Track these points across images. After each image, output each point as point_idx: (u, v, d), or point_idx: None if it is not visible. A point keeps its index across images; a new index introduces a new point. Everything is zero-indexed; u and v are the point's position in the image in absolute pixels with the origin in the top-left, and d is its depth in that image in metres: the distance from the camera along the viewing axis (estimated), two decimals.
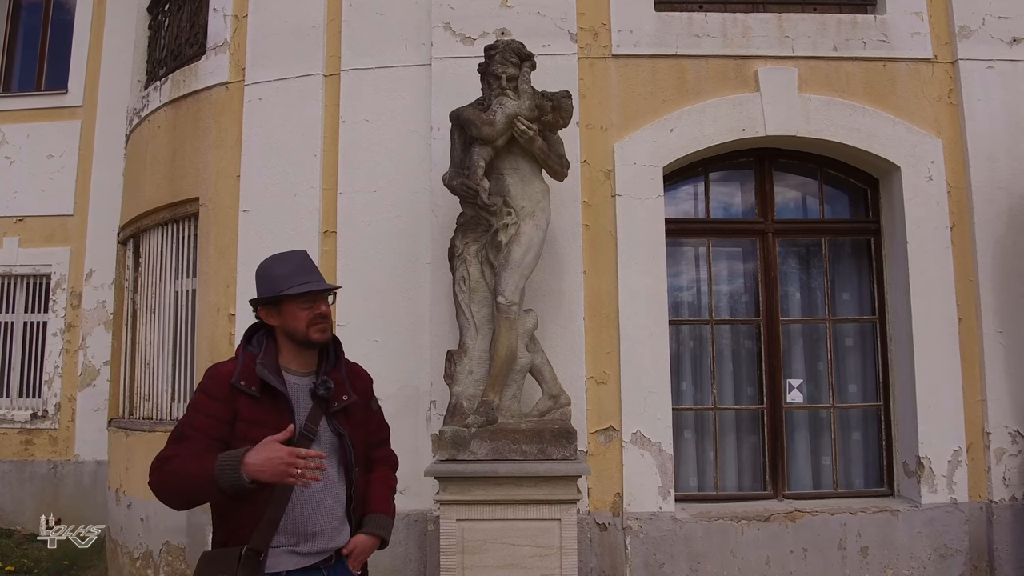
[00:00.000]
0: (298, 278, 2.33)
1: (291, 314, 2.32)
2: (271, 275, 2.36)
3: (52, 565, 6.65)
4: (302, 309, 2.32)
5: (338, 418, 2.39)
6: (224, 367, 2.30)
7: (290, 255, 2.43)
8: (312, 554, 2.29)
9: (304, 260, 2.42)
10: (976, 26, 4.94)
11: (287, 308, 2.33)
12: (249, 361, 2.28)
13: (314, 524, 2.28)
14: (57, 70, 8.49)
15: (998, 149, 4.85)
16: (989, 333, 4.72)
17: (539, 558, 3.68)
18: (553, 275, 4.58)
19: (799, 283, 5.23)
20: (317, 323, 2.33)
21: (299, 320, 2.32)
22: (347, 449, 2.37)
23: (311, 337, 2.33)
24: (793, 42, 4.92)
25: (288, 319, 2.33)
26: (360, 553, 2.41)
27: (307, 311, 2.32)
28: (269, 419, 2.22)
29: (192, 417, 2.22)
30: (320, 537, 2.30)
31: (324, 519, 2.31)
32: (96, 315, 7.75)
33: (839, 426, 5.05)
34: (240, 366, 2.26)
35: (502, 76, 3.97)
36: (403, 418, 4.65)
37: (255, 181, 5.05)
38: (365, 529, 2.42)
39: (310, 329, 2.32)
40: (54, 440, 7.81)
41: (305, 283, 2.32)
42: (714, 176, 5.20)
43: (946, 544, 4.61)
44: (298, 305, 2.32)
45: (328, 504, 2.32)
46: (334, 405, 2.37)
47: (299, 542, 2.26)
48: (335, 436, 2.36)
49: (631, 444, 4.57)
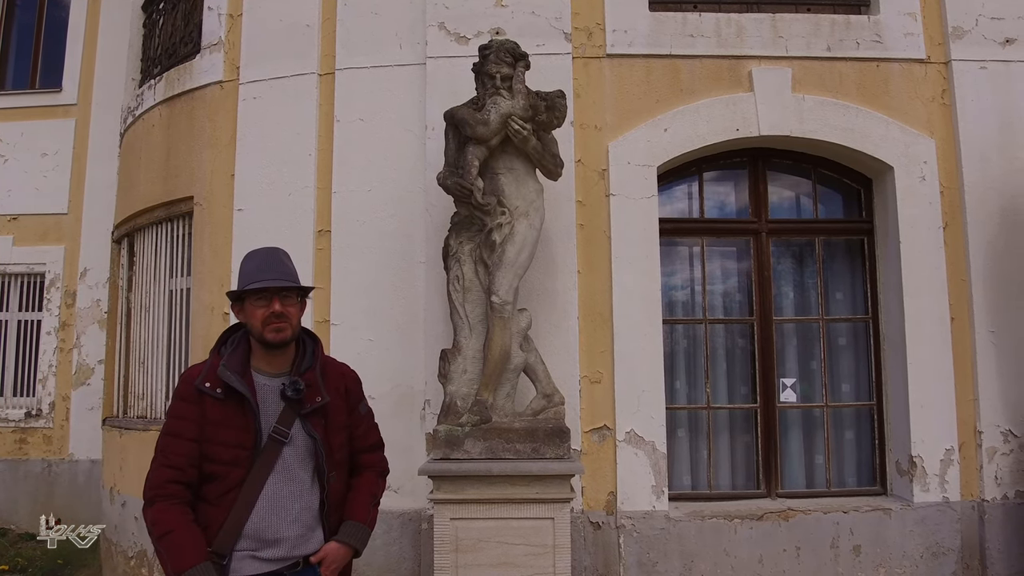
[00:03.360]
0: (261, 275, 2.28)
1: (251, 312, 2.30)
2: (241, 271, 2.36)
3: (46, 564, 6.64)
4: (258, 307, 2.27)
5: (312, 420, 2.33)
6: (194, 369, 2.31)
7: (259, 252, 2.40)
8: (274, 560, 2.24)
9: (269, 257, 2.36)
10: (969, 27, 4.96)
11: (248, 306, 2.31)
12: (216, 363, 2.26)
13: (276, 531, 2.24)
14: (51, 68, 8.45)
15: (991, 149, 4.86)
16: (981, 333, 4.74)
17: (533, 557, 3.69)
18: (547, 274, 4.59)
19: (793, 283, 5.25)
20: (271, 322, 2.27)
21: (255, 318, 2.28)
22: (319, 453, 2.32)
23: (266, 336, 2.27)
24: (787, 42, 4.93)
25: (248, 317, 2.31)
26: (332, 562, 2.34)
27: (263, 310, 2.27)
28: (234, 420, 2.21)
29: (168, 424, 2.22)
30: (283, 544, 2.25)
31: (288, 526, 2.25)
32: (90, 314, 7.73)
33: (832, 425, 5.07)
34: (206, 368, 2.25)
35: (496, 76, 3.97)
36: (397, 417, 4.65)
37: (249, 180, 5.04)
38: (338, 537, 2.37)
39: (265, 328, 2.27)
40: (48, 439, 7.79)
41: (259, 280, 2.27)
42: (708, 176, 5.21)
43: (938, 543, 4.63)
44: (254, 303, 2.28)
45: (294, 511, 2.26)
46: (307, 407, 2.32)
47: (260, 547, 2.23)
48: (309, 439, 2.31)
49: (625, 443, 4.58)
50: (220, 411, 2.21)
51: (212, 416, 2.20)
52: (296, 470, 2.28)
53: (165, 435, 2.19)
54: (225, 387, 2.21)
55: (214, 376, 2.23)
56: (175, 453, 2.16)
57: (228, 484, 2.19)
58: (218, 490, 2.19)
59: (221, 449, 2.19)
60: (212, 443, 2.17)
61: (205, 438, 2.18)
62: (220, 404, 2.20)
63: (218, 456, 2.19)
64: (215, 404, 2.20)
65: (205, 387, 2.20)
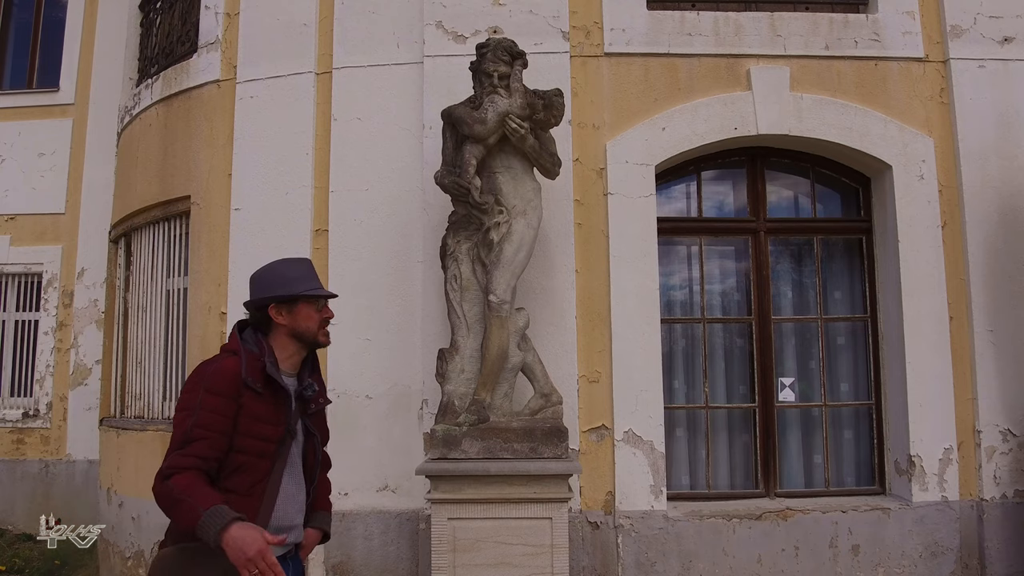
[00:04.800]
0: (312, 282, 2.46)
1: (305, 315, 2.42)
2: (285, 276, 2.44)
3: (43, 565, 6.62)
4: (314, 311, 2.43)
5: (314, 419, 2.51)
6: (227, 363, 2.30)
7: (299, 260, 2.58)
8: (285, 546, 2.37)
9: (312, 266, 2.56)
10: (967, 25, 4.95)
11: (301, 309, 2.42)
12: (253, 359, 2.32)
13: (291, 518, 2.39)
14: (49, 68, 8.42)
15: (989, 148, 4.86)
16: (980, 332, 4.73)
17: (530, 556, 3.68)
18: (545, 274, 4.58)
19: (791, 282, 5.24)
20: (325, 326, 2.47)
21: (312, 321, 2.43)
22: (317, 449, 2.51)
23: (320, 339, 2.46)
24: (785, 41, 4.92)
25: (300, 319, 2.41)
26: (310, 547, 2.56)
27: (319, 314, 2.45)
28: (269, 415, 2.31)
29: (200, 416, 2.20)
30: (293, 531, 2.41)
31: (297, 514, 2.43)
32: (88, 314, 7.71)
33: (831, 425, 5.06)
34: (246, 363, 2.30)
35: (494, 74, 3.97)
36: (395, 417, 4.65)
37: (247, 179, 5.03)
38: (312, 524, 2.55)
39: (320, 331, 2.45)
40: (46, 439, 7.77)
41: (320, 288, 2.47)
42: (706, 175, 5.21)
43: (937, 542, 4.63)
44: (313, 308, 2.43)
45: (299, 500, 2.44)
46: (311, 407, 2.49)
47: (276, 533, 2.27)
48: (307, 436, 2.48)
49: (623, 442, 4.57)
50: (259, 405, 2.28)
51: (251, 410, 2.26)
52: (297, 464, 2.44)
53: (197, 427, 2.18)
54: (263, 383, 2.31)
55: (257, 372, 2.30)
56: (207, 447, 2.18)
57: (257, 476, 2.28)
58: (248, 481, 2.26)
59: (253, 442, 2.27)
60: (246, 436, 2.24)
61: (238, 431, 2.24)
62: (258, 398, 2.28)
63: (250, 448, 2.26)
64: (254, 398, 2.27)
65: (249, 381, 2.27)
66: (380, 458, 4.64)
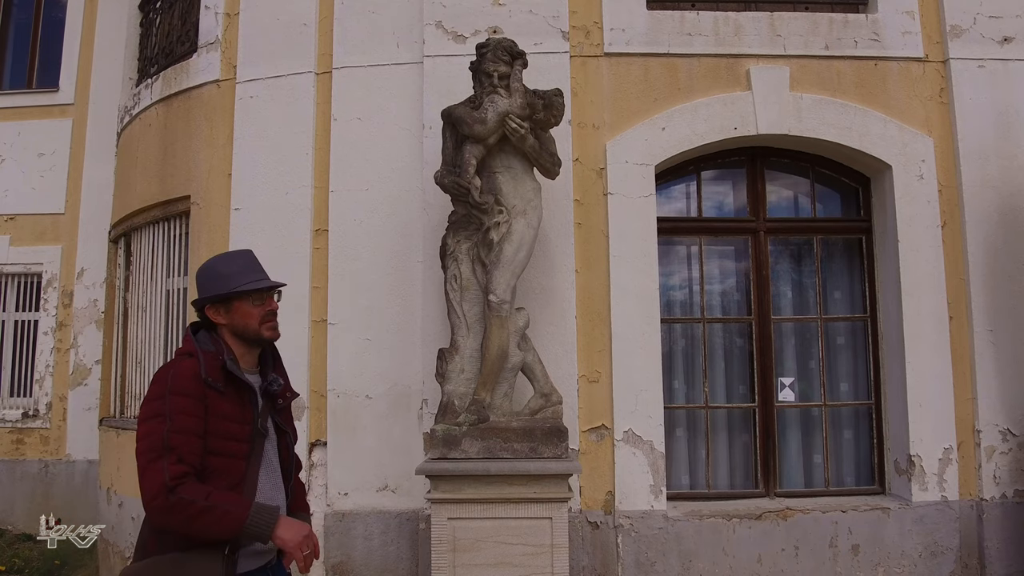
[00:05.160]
0: (248, 275, 2.34)
1: (242, 312, 2.32)
2: (219, 273, 2.34)
3: (43, 565, 6.62)
4: (254, 306, 2.33)
5: (283, 415, 2.44)
6: (184, 365, 2.22)
7: (236, 254, 2.45)
8: (264, 553, 2.28)
9: (252, 258, 2.42)
10: (967, 25, 4.95)
11: (238, 306, 2.32)
12: (211, 358, 2.24)
13: None
14: (48, 67, 8.42)
15: (988, 148, 4.86)
16: (980, 332, 4.73)
17: (530, 556, 3.68)
18: (545, 273, 4.58)
19: (791, 282, 5.24)
20: (268, 320, 2.35)
21: (251, 317, 2.32)
22: (289, 446, 2.43)
23: (263, 334, 2.35)
24: (785, 41, 4.92)
25: (238, 317, 2.32)
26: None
27: (259, 308, 2.33)
28: (235, 413, 2.23)
29: (175, 421, 2.12)
30: None
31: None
32: (87, 314, 7.70)
33: (830, 424, 5.06)
34: (203, 363, 2.21)
35: (493, 74, 3.97)
36: (394, 416, 4.65)
37: (247, 179, 5.03)
38: None
39: (262, 326, 2.34)
40: (45, 439, 7.76)
41: (256, 280, 2.34)
42: (706, 175, 5.21)
43: (937, 542, 4.63)
44: (250, 303, 2.32)
45: (278, 501, 2.33)
46: (279, 402, 2.42)
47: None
48: (278, 434, 2.40)
49: (623, 442, 4.57)
50: (224, 405, 2.21)
51: (217, 410, 2.19)
52: (274, 463, 2.36)
53: (175, 433, 2.10)
54: (224, 381, 2.23)
55: (217, 370, 2.22)
56: (189, 451, 2.11)
57: (234, 478, 2.20)
58: (224, 484, 2.17)
59: (224, 443, 2.19)
60: (217, 437, 2.17)
61: (209, 432, 2.17)
62: (222, 398, 2.21)
63: (222, 449, 2.19)
64: (218, 398, 2.20)
65: (210, 380, 2.19)
66: (380, 458, 4.64)
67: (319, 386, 4.76)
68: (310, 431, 4.75)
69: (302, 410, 4.73)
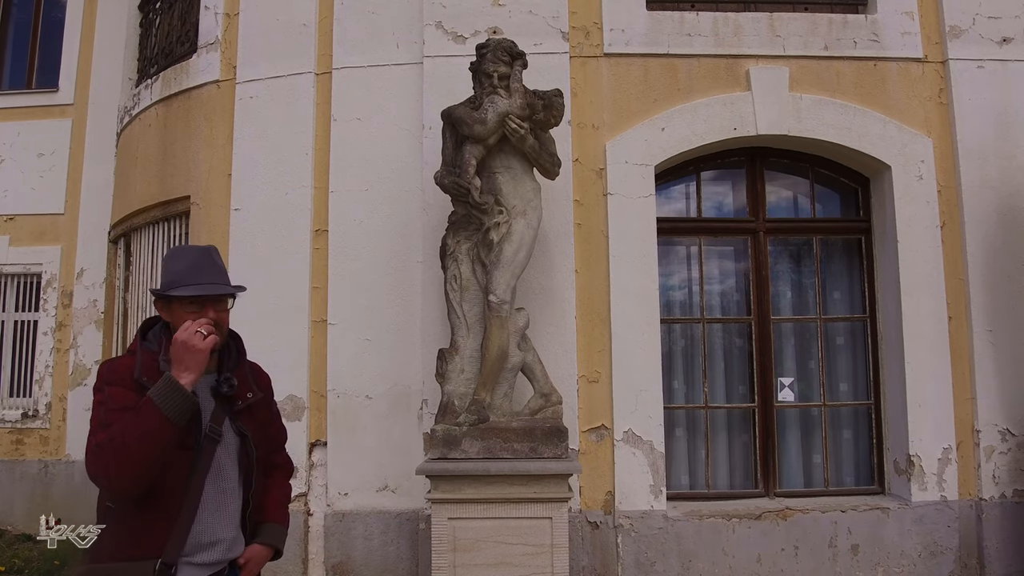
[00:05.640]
0: (191, 278, 2.13)
1: (178, 315, 2.13)
2: (166, 269, 2.18)
3: (43, 565, 6.61)
4: (188, 313, 2.11)
5: (242, 418, 2.24)
6: (121, 362, 2.11)
7: (188, 250, 2.27)
8: (209, 564, 2.12)
9: (200, 258, 2.20)
10: (966, 26, 4.96)
11: (175, 308, 2.15)
12: (149, 357, 2.10)
13: (213, 533, 2.13)
14: (48, 68, 8.40)
15: (988, 148, 4.87)
16: (979, 332, 4.74)
17: (530, 556, 3.69)
18: (545, 274, 4.58)
19: (790, 282, 5.25)
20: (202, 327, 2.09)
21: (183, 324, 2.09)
22: (249, 451, 2.23)
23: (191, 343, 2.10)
24: (784, 41, 4.93)
25: (176, 319, 2.13)
26: (255, 565, 2.28)
27: (193, 315, 2.11)
28: None
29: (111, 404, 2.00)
30: (218, 546, 2.15)
31: (225, 527, 2.17)
32: (87, 314, 7.69)
33: (830, 424, 5.07)
34: (140, 362, 2.07)
35: (493, 75, 3.97)
36: (394, 417, 4.66)
37: (246, 179, 5.04)
38: (260, 539, 2.30)
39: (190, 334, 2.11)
40: (45, 440, 7.75)
41: (191, 285, 2.12)
42: (706, 175, 5.21)
43: (936, 542, 4.63)
44: (184, 308, 2.13)
45: (231, 510, 2.18)
46: (238, 404, 2.23)
47: (196, 552, 2.09)
48: (238, 437, 2.21)
49: (623, 442, 4.57)
50: None
51: None
52: (228, 469, 2.19)
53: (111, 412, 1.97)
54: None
55: (153, 370, 2.05)
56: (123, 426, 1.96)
57: (172, 487, 2.05)
58: (162, 495, 2.04)
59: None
60: None
61: None
62: None
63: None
64: None
65: (144, 380, 2.02)
66: (380, 458, 4.64)
67: (319, 386, 4.76)
68: (310, 431, 4.75)
69: (302, 410, 4.74)
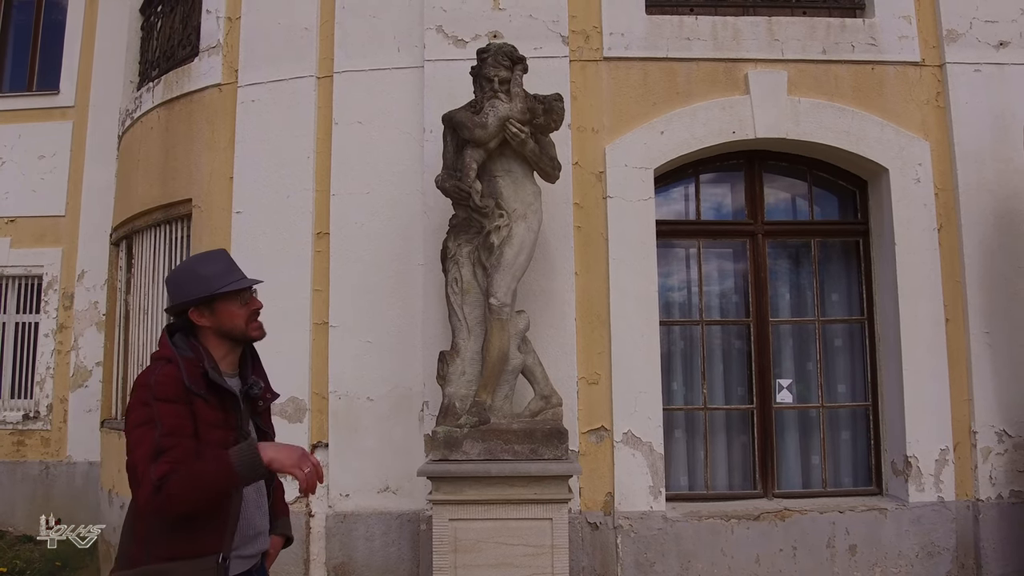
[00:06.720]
0: (229, 276, 2.30)
1: (227, 312, 2.28)
2: (199, 275, 2.29)
3: (44, 566, 6.63)
4: (240, 307, 2.29)
5: (263, 417, 2.42)
6: (166, 371, 2.16)
7: (214, 255, 2.40)
8: (251, 556, 2.28)
9: (230, 259, 2.39)
10: (963, 30, 4.99)
11: (222, 307, 2.27)
12: (191, 365, 2.19)
13: (255, 526, 2.30)
14: (49, 70, 8.44)
15: (985, 152, 4.90)
16: (976, 334, 4.77)
17: (531, 557, 3.71)
18: (545, 276, 4.61)
19: (788, 284, 5.27)
20: (254, 319, 2.33)
21: (237, 318, 2.29)
22: None
23: (250, 334, 2.32)
24: (783, 45, 4.96)
25: (224, 318, 2.28)
26: (275, 554, 2.48)
27: (244, 308, 2.30)
28: (219, 420, 2.19)
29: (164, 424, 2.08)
30: (260, 538, 2.33)
31: (261, 520, 2.34)
32: (88, 316, 7.73)
33: (828, 426, 5.10)
34: (185, 370, 2.16)
35: (494, 79, 3.99)
36: (396, 418, 4.68)
37: (248, 182, 5.06)
38: (277, 531, 2.47)
39: (249, 326, 2.31)
40: (46, 441, 7.78)
41: (238, 280, 2.30)
42: (704, 178, 5.24)
43: (933, 542, 4.66)
44: (235, 303, 2.29)
45: (262, 506, 2.34)
46: (259, 405, 2.39)
47: (243, 545, 2.23)
48: (260, 437, 2.35)
49: (622, 444, 4.60)
50: (209, 412, 2.17)
51: (204, 417, 2.15)
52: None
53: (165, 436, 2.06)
54: (207, 388, 2.19)
55: (198, 377, 2.17)
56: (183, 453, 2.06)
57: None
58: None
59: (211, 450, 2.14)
60: (205, 445, 2.12)
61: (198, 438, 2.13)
62: (206, 405, 2.17)
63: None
64: (203, 405, 2.16)
65: (193, 388, 2.14)
66: (381, 459, 4.67)
67: (321, 388, 4.78)
68: (311, 433, 4.77)
69: (303, 412, 4.76)
